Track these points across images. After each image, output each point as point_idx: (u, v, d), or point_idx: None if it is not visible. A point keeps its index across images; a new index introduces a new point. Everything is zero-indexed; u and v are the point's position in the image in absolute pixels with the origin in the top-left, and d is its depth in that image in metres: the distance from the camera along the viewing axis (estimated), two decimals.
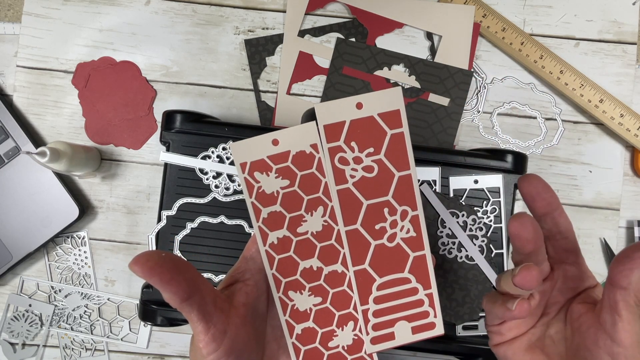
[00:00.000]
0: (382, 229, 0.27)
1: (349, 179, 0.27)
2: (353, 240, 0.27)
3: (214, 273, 0.45)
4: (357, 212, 0.27)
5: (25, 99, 0.53)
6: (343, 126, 0.26)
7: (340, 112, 0.26)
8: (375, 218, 0.27)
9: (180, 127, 0.45)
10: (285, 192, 0.28)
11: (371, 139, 0.27)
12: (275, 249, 0.28)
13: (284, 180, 0.28)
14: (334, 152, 0.27)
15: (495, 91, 0.53)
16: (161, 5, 0.53)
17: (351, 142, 0.27)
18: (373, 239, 0.28)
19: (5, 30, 0.53)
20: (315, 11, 0.53)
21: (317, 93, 0.53)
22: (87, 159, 0.49)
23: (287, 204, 0.28)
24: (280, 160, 0.28)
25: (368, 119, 0.27)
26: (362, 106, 0.26)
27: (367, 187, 0.27)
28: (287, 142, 0.28)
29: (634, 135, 0.51)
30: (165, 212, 0.45)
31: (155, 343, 0.53)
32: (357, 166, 0.27)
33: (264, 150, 0.28)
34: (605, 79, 0.53)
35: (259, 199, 0.28)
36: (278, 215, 0.28)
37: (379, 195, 0.27)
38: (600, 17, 0.53)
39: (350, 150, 0.27)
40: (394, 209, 0.27)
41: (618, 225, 0.53)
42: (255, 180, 0.28)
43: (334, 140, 0.27)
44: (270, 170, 0.28)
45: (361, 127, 0.27)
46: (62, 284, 0.53)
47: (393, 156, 0.27)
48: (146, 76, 0.53)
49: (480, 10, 0.52)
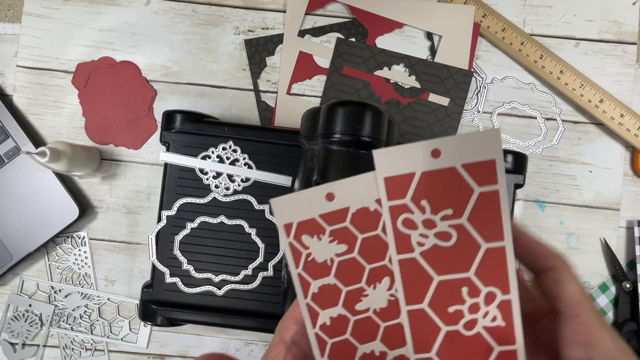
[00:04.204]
0: (457, 312, 0.21)
1: (416, 247, 0.21)
2: (417, 323, 0.21)
3: (214, 273, 0.45)
4: (424, 289, 0.21)
5: (25, 99, 0.53)
6: (411, 180, 0.21)
7: (408, 161, 0.20)
8: (449, 299, 0.21)
9: (180, 127, 0.45)
10: (342, 260, 0.23)
11: (450, 198, 0.21)
12: (328, 332, 0.23)
13: (340, 245, 0.23)
14: (396, 212, 0.21)
15: (495, 91, 0.53)
16: (161, 5, 0.53)
17: (421, 200, 0.21)
18: (444, 324, 0.21)
19: (5, 30, 0.53)
20: (315, 11, 0.53)
21: (317, 93, 0.53)
22: (87, 159, 0.49)
23: (344, 275, 0.23)
24: (336, 220, 0.22)
25: (448, 172, 0.21)
26: (439, 154, 0.20)
27: (440, 259, 0.21)
28: (345, 197, 0.22)
29: (634, 135, 0.51)
30: (165, 212, 0.45)
31: (155, 343, 0.53)
32: (429, 232, 0.21)
33: (316, 208, 0.22)
34: (605, 79, 0.53)
35: (307, 269, 0.22)
36: (332, 289, 0.23)
37: (457, 271, 0.21)
38: (600, 17, 0.53)
39: (419, 211, 0.21)
40: (476, 290, 0.21)
41: (618, 225, 0.53)
42: (303, 245, 0.22)
43: (398, 197, 0.21)
44: (323, 233, 0.22)
45: (437, 181, 0.21)
46: (62, 284, 0.53)
47: (480, 221, 0.21)
48: (146, 76, 0.53)
49: (480, 10, 0.52)
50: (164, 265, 0.45)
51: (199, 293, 0.45)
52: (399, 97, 0.52)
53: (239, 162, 0.45)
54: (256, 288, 0.45)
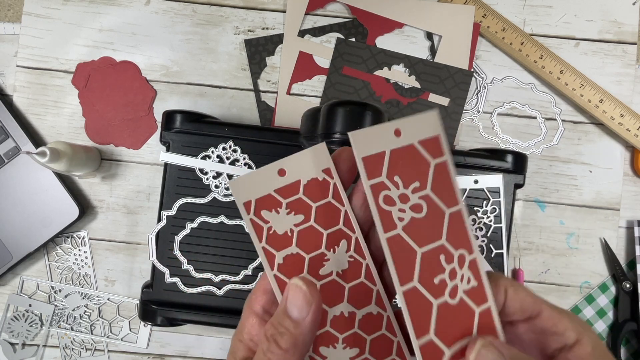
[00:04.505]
0: (442, 282, 0.22)
1: (398, 223, 0.22)
2: (413, 303, 0.22)
3: (214, 273, 0.45)
4: (412, 265, 0.22)
5: (25, 99, 0.53)
6: (383, 158, 0.22)
7: (378, 141, 0.22)
8: (433, 269, 0.22)
9: (180, 127, 0.45)
10: (301, 230, 0.24)
11: (415, 172, 0.22)
12: None
13: (297, 216, 0.24)
14: (377, 189, 0.22)
15: (495, 91, 0.53)
16: (161, 5, 0.53)
17: (394, 176, 0.22)
18: (434, 297, 0.22)
19: (5, 30, 0.53)
20: (315, 11, 0.53)
21: (317, 93, 0.53)
22: (87, 159, 0.49)
23: (305, 243, 0.24)
24: (290, 193, 0.24)
25: (408, 148, 0.22)
26: (400, 133, 0.22)
27: (418, 231, 0.22)
28: (295, 171, 0.24)
29: (634, 135, 0.51)
30: (165, 212, 0.45)
31: (155, 343, 0.53)
32: (405, 205, 0.22)
33: (270, 184, 0.23)
34: (605, 79, 0.53)
35: (270, 242, 0.23)
36: (296, 258, 0.24)
37: (432, 240, 0.22)
38: (600, 17, 0.53)
39: (394, 187, 0.22)
40: (450, 255, 0.23)
41: (618, 225, 0.53)
42: (263, 220, 0.23)
43: (376, 176, 0.22)
44: (280, 206, 0.23)
45: (402, 158, 0.22)
46: (62, 284, 0.53)
47: (440, 190, 0.23)
48: (146, 76, 0.53)
49: (480, 10, 0.52)
50: (164, 265, 0.45)
51: (199, 293, 0.45)
52: (399, 97, 0.52)
53: (239, 162, 0.45)
54: None
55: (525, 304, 0.24)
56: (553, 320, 0.24)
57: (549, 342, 0.24)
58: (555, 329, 0.24)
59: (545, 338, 0.24)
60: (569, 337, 0.23)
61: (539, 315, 0.24)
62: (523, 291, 0.24)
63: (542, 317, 0.24)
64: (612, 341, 0.52)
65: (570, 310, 0.52)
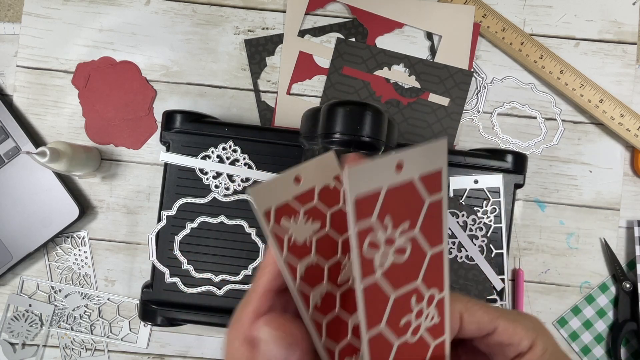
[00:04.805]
0: (407, 323, 0.22)
1: (377, 270, 0.21)
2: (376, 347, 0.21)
3: (214, 273, 0.45)
4: (382, 309, 0.21)
5: (25, 99, 0.53)
6: (378, 197, 0.20)
7: (376, 177, 0.20)
8: (402, 311, 0.22)
9: (180, 127, 0.45)
10: (318, 238, 0.23)
11: (407, 211, 0.21)
12: (321, 312, 0.23)
13: (314, 224, 0.23)
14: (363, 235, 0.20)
15: (495, 91, 0.53)
16: (161, 5, 0.53)
17: (385, 216, 0.20)
18: (397, 337, 0.22)
19: (5, 30, 0.53)
20: (315, 11, 0.53)
21: (317, 93, 0.53)
22: (87, 159, 0.49)
23: (322, 251, 0.23)
24: (306, 200, 0.23)
25: (407, 185, 0.21)
26: (402, 167, 0.20)
27: (396, 274, 0.21)
28: (309, 178, 0.23)
29: (634, 135, 0.51)
30: (165, 212, 0.45)
31: (155, 343, 0.53)
32: (389, 249, 0.21)
33: (288, 191, 0.23)
34: (605, 79, 0.53)
35: (292, 253, 0.23)
36: (315, 269, 0.23)
37: (408, 282, 0.22)
38: (600, 17, 0.53)
39: (382, 230, 0.21)
40: (421, 296, 0.22)
41: (618, 225, 0.53)
42: (283, 229, 0.23)
43: (365, 217, 0.20)
44: (298, 214, 0.23)
45: (398, 195, 0.21)
46: (62, 284, 0.53)
47: (428, 229, 0.22)
48: (146, 76, 0.53)
49: (480, 10, 0.52)
50: (164, 265, 0.45)
51: (199, 293, 0.45)
52: (399, 97, 0.52)
53: (239, 162, 0.45)
54: None
55: (482, 324, 0.24)
56: (508, 333, 0.24)
57: (506, 352, 0.24)
58: (510, 341, 0.24)
59: (502, 349, 0.24)
60: (523, 346, 0.24)
61: (495, 331, 0.24)
62: (479, 311, 0.24)
63: (498, 331, 0.24)
64: (612, 341, 0.52)
65: (570, 310, 0.52)
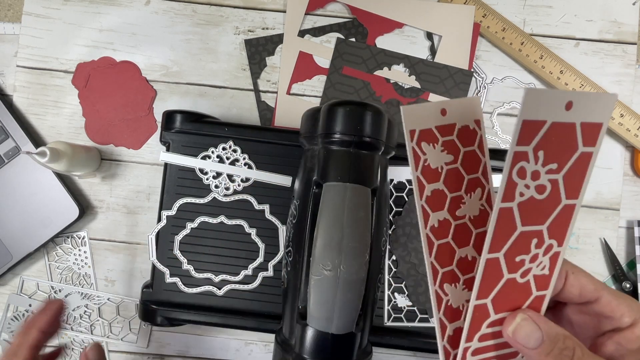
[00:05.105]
0: (521, 261, 0.23)
1: (517, 197, 0.22)
2: (489, 271, 0.23)
3: (214, 273, 0.45)
4: (506, 238, 0.23)
5: (25, 99, 0.53)
6: (541, 128, 0.21)
7: (547, 108, 0.21)
8: (521, 248, 0.23)
9: (180, 127, 0.45)
10: (449, 169, 0.25)
11: (560, 152, 0.22)
12: (435, 233, 0.25)
13: (448, 155, 0.25)
14: (517, 159, 0.21)
15: (495, 91, 0.53)
16: (161, 5, 0.53)
17: (540, 150, 0.21)
18: (508, 272, 0.23)
19: (5, 30, 0.53)
20: (315, 11, 0.53)
21: (317, 93, 0.53)
22: (87, 159, 0.49)
23: (449, 182, 0.25)
24: (446, 132, 0.25)
25: (569, 126, 0.21)
26: (571, 106, 0.21)
27: (529, 210, 0.23)
28: (453, 114, 0.25)
29: (634, 135, 0.51)
30: (165, 212, 0.45)
31: (155, 343, 0.53)
32: (532, 183, 0.22)
33: (433, 119, 0.25)
34: (605, 79, 0.53)
35: (424, 174, 0.24)
36: (440, 194, 0.25)
37: (536, 223, 0.23)
38: (600, 17, 0.53)
39: (534, 161, 0.22)
40: (541, 241, 0.23)
41: (618, 225, 0.53)
42: (422, 151, 0.24)
43: (524, 143, 0.21)
44: (437, 142, 0.25)
45: (558, 133, 0.21)
46: (62, 284, 0.53)
47: (570, 179, 0.23)
48: (146, 76, 0.53)
49: (480, 10, 0.52)
50: (164, 265, 0.45)
51: (199, 293, 0.45)
52: (399, 97, 0.52)
53: (239, 162, 0.45)
54: (256, 288, 0.45)
55: (585, 291, 0.25)
56: (611, 306, 0.25)
57: (603, 324, 0.25)
58: (612, 314, 0.25)
59: (599, 320, 0.25)
60: (623, 322, 0.25)
61: (597, 301, 0.25)
62: (584, 277, 0.25)
63: (601, 302, 0.25)
64: None
65: None
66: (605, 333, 0.25)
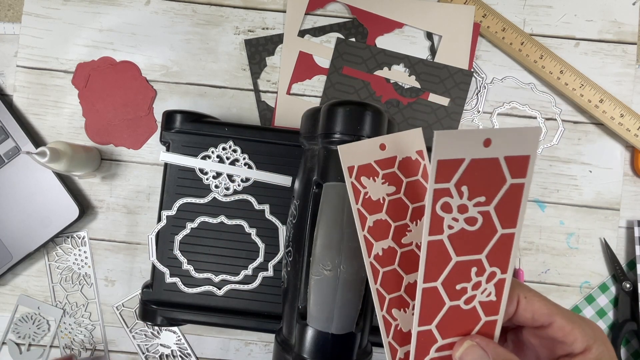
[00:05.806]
0: (462, 289, 0.24)
1: (445, 230, 0.23)
2: (427, 299, 0.23)
3: (214, 273, 0.45)
4: (442, 269, 0.23)
5: (25, 99, 0.53)
6: (460, 165, 0.22)
7: (462, 147, 0.21)
8: (460, 277, 0.24)
9: (180, 127, 0.45)
10: (391, 200, 0.26)
11: (486, 186, 0.22)
12: (380, 261, 0.26)
13: (390, 187, 0.26)
14: (438, 195, 0.22)
15: (495, 91, 0.53)
16: (161, 5, 0.53)
17: (462, 186, 0.22)
18: (450, 300, 0.24)
19: (5, 30, 0.53)
20: (315, 11, 0.53)
21: (317, 93, 0.53)
22: (87, 159, 0.49)
23: (393, 212, 0.26)
24: (387, 165, 0.26)
25: (492, 161, 0.22)
26: (490, 143, 0.21)
27: (462, 242, 0.23)
28: (393, 148, 0.26)
29: (634, 135, 0.51)
30: (165, 212, 0.45)
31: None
32: (460, 216, 0.23)
33: (372, 155, 0.26)
34: (605, 79, 0.53)
35: (365, 206, 0.26)
36: (383, 224, 0.26)
37: (473, 253, 0.23)
38: (600, 17, 0.53)
39: (458, 196, 0.22)
40: (482, 269, 0.24)
41: (618, 225, 0.53)
42: (362, 185, 0.26)
43: (444, 181, 0.22)
44: (377, 176, 0.26)
45: (480, 169, 0.22)
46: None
47: (503, 210, 0.23)
48: (146, 76, 0.53)
49: (480, 10, 0.52)
50: (164, 265, 0.45)
51: (199, 293, 0.45)
52: (399, 97, 0.52)
53: (239, 162, 0.45)
54: (256, 288, 0.45)
55: (538, 315, 0.25)
56: (564, 331, 0.24)
57: (557, 348, 0.25)
58: (564, 339, 0.24)
59: (554, 344, 0.25)
60: (576, 347, 0.24)
61: (550, 325, 0.24)
62: (538, 302, 0.25)
63: (554, 327, 0.24)
64: (612, 341, 0.52)
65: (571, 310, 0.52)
66: (560, 357, 0.25)
